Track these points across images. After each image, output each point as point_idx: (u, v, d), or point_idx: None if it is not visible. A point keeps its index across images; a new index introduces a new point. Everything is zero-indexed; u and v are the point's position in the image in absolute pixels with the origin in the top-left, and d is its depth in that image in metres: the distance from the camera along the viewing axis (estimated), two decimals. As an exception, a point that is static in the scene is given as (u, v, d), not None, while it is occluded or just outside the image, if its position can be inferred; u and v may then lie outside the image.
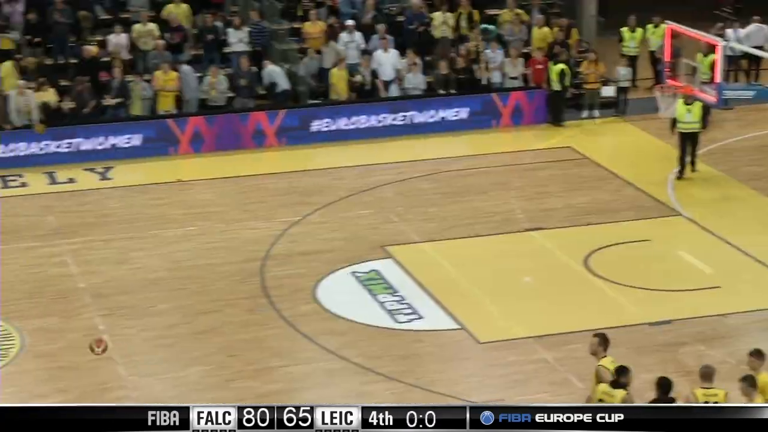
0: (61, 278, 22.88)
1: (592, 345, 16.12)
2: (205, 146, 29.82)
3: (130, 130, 29.42)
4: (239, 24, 32.04)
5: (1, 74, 29.89)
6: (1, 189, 27.59)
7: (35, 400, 18.64)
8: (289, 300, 22.01)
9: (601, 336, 16.13)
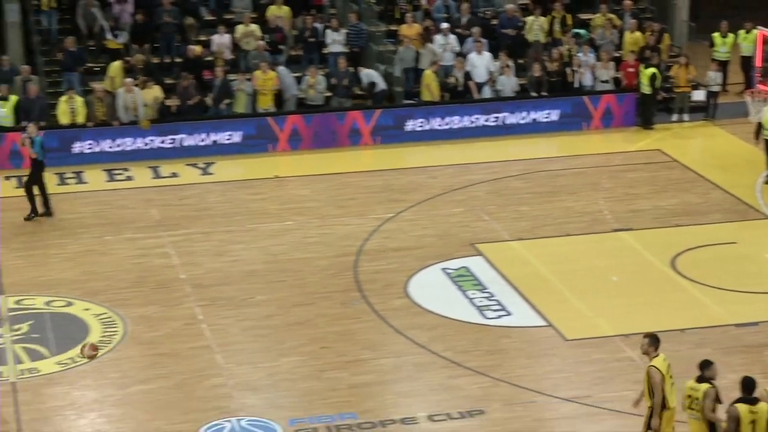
0: (162, 269, 23.10)
1: (643, 345, 15.98)
2: (303, 144, 29.96)
3: (231, 128, 29.65)
4: (337, 26, 32.17)
5: (110, 73, 30.31)
6: (108, 182, 27.95)
7: (137, 386, 18.89)
8: (381, 294, 22.03)
9: (651, 336, 15.96)
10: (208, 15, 33.44)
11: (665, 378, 15.67)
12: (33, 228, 25.09)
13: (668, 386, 15.72)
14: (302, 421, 17.93)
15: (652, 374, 15.67)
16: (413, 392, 18.76)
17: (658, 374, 15.61)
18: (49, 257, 23.64)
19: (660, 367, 15.67)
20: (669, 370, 15.79)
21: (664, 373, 15.66)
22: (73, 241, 24.44)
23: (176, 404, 18.39)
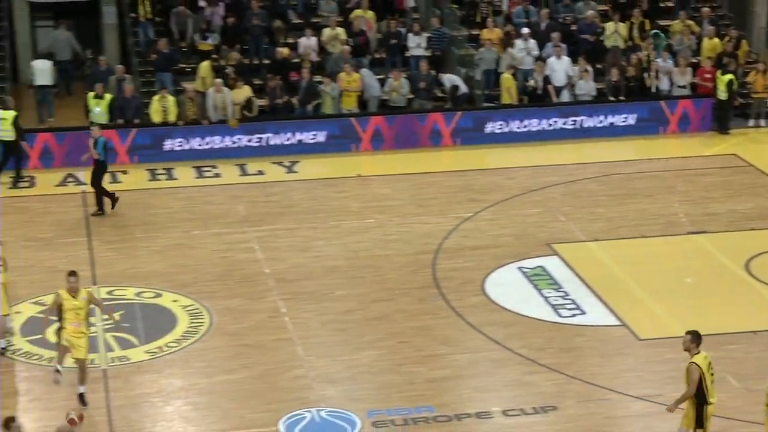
0: (248, 263, 23.25)
1: (685, 342, 15.96)
2: (385, 144, 30.01)
3: (316, 128, 29.78)
4: (419, 30, 32.20)
5: (201, 73, 30.59)
6: (197, 179, 28.21)
7: (222, 376, 19.04)
8: (458, 291, 22.00)
9: (693, 333, 15.94)
10: (295, 18, 33.67)
11: (705, 374, 15.68)
12: (124, 222, 25.40)
13: (709, 382, 15.74)
14: (380, 413, 17.96)
15: (691, 371, 15.68)
16: (488, 387, 18.72)
17: (697, 371, 15.64)
18: (139, 250, 23.90)
19: (700, 365, 15.68)
20: (710, 368, 15.80)
21: (704, 370, 15.66)
22: (163, 235, 24.69)
23: (259, 394, 18.51)
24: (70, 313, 17.63)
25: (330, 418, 17.85)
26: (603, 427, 17.62)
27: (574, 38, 32.92)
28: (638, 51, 32.20)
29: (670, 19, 34.02)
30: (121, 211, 25.96)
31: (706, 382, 15.73)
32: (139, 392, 18.59)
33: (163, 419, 17.87)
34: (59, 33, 33.11)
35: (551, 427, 17.53)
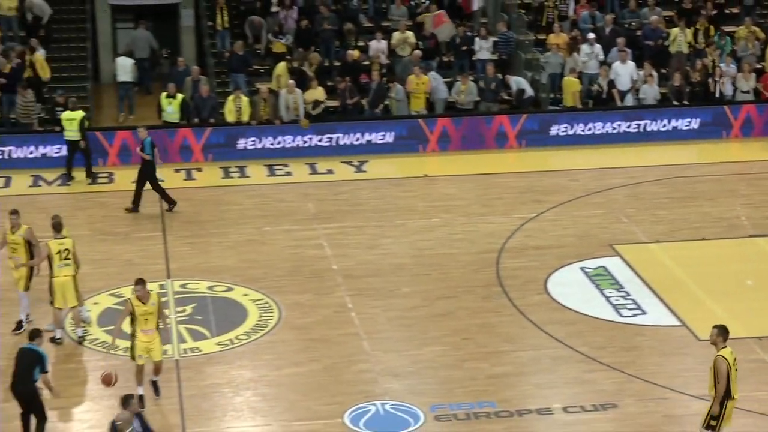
0: (316, 259, 23.31)
1: (712, 335, 15.88)
2: (452, 145, 29.95)
3: (385, 128, 29.79)
4: (486, 34, 32.12)
5: (277, 72, 30.72)
6: (269, 177, 28.33)
7: (290, 368, 19.10)
8: (521, 290, 21.91)
9: (720, 327, 15.87)
10: (366, 22, 33.71)
11: (731, 368, 15.58)
12: (198, 218, 25.57)
13: (733, 377, 15.64)
14: (442, 407, 17.94)
15: (719, 363, 15.60)
16: (549, 384, 18.62)
17: (724, 363, 15.55)
18: (212, 245, 24.05)
19: (728, 358, 15.59)
20: (735, 363, 15.72)
21: (730, 363, 15.57)
22: (235, 231, 24.83)
23: (325, 387, 18.56)
24: (141, 318, 17.65)
25: (394, 412, 17.86)
26: (661, 426, 17.46)
27: (638, 43, 32.64)
28: (703, 56, 31.87)
29: (735, 25, 33.64)
30: (196, 207, 26.17)
31: (731, 376, 15.62)
32: (209, 383, 18.71)
33: (233, 409, 17.97)
34: (139, 32, 33.48)
35: (610, 424, 17.41)
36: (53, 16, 33.15)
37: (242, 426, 17.57)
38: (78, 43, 33.55)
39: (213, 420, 17.70)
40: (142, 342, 17.66)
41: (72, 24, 34.04)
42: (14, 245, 19.97)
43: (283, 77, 30.42)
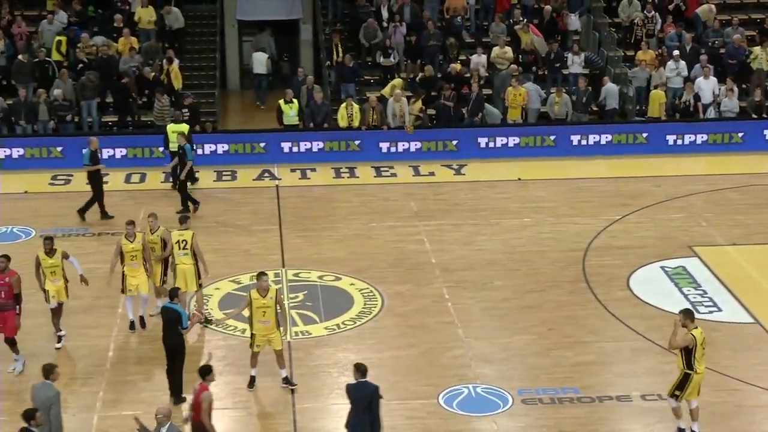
0: (417, 253, 23.31)
1: (679, 320, 16.26)
2: (542, 151, 29.70)
3: (483, 134, 29.68)
4: (578, 50, 31.83)
5: (394, 82, 30.81)
6: (375, 177, 28.40)
7: (390, 352, 19.14)
8: (605, 286, 21.68)
9: (685, 310, 16.47)
10: (468, 38, 33.61)
11: (698, 347, 16.09)
12: (311, 213, 25.73)
13: (699, 354, 16.16)
14: (529, 391, 17.85)
15: (683, 334, 16.11)
16: (629, 373, 18.42)
17: (691, 339, 16.03)
18: (323, 238, 24.21)
19: (696, 337, 16.08)
20: (704, 342, 16.28)
21: (698, 342, 16.08)
22: (344, 226, 24.95)
23: (422, 369, 18.57)
24: (259, 311, 17.68)
25: (484, 394, 17.82)
26: (733, 415, 17.18)
27: (721, 60, 32.08)
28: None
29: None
30: (309, 204, 26.37)
31: (696, 353, 16.10)
32: (318, 363, 18.84)
33: (338, 388, 18.03)
34: (263, 35, 34.25)
35: (686, 412, 17.13)
36: (186, 30, 33.68)
37: (346, 403, 17.56)
38: (208, 54, 34.02)
39: (320, 397, 17.83)
40: (260, 331, 17.71)
41: (203, 37, 34.55)
42: (153, 245, 19.94)
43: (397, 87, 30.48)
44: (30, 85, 30.01)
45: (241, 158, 29.13)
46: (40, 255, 19.03)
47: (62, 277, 19.09)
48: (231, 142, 29.21)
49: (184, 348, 17.55)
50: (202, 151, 28.56)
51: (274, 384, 18.15)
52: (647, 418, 17.16)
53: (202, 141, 28.76)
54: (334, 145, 29.31)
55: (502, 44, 32.07)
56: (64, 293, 19.15)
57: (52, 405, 15.13)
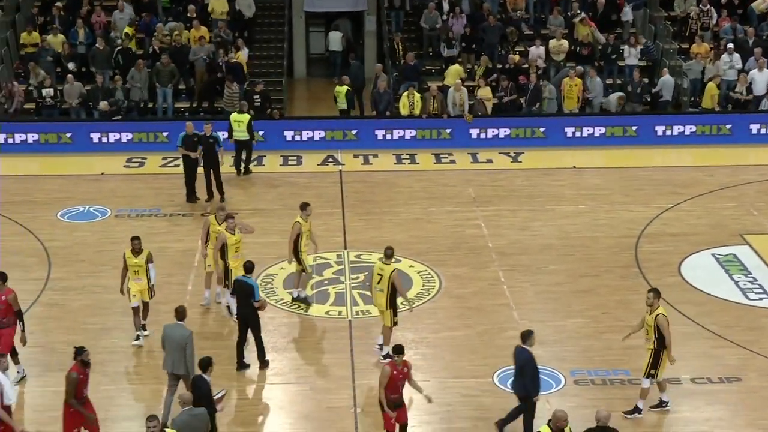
0: (474, 238, 23.20)
1: (648, 299, 16.25)
2: (598, 141, 29.39)
3: (539, 124, 29.45)
4: (635, 42, 31.44)
5: (451, 72, 30.66)
6: (435, 164, 28.28)
7: (447, 332, 19.08)
8: (657, 272, 21.43)
9: (654, 290, 16.38)
10: (527, 30, 33.34)
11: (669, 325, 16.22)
12: (373, 197, 25.69)
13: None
14: (581, 372, 17.72)
15: (661, 321, 16.00)
16: (679, 357, 17.99)
17: (665, 319, 16.04)
18: (384, 222, 24.18)
19: (666, 315, 16.12)
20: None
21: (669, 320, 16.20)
22: (405, 210, 24.90)
23: (477, 350, 18.50)
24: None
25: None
26: (781, 400, 16.91)
27: (775, 53, 31.53)
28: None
29: None
30: (371, 188, 26.34)
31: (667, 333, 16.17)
32: (376, 342, 18.77)
33: (396, 365, 18.05)
34: (342, 20, 35.12)
35: (734, 395, 16.94)
36: (256, 20, 33.75)
37: (404, 380, 17.65)
38: (276, 43, 34.10)
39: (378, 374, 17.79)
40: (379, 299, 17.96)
41: (272, 27, 34.62)
42: (238, 245, 19.33)
43: (450, 78, 30.35)
44: (107, 72, 30.30)
45: (306, 144, 29.17)
46: (127, 253, 18.49)
47: (146, 277, 18.51)
48: (296, 129, 29.26)
49: (257, 318, 17.74)
50: (268, 137, 28.61)
51: (335, 360, 18.18)
52: (696, 401, 16.95)
53: (270, 127, 28.83)
54: (396, 133, 29.23)
55: (560, 36, 31.77)
56: (147, 293, 18.60)
57: (187, 344, 15.86)
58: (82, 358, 15.03)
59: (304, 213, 19.92)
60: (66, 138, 28.70)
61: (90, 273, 21.37)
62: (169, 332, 16.17)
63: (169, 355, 16.16)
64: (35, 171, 27.42)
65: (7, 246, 22.58)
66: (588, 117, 29.79)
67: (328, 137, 29.10)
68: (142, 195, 25.60)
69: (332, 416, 16.63)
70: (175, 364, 16.02)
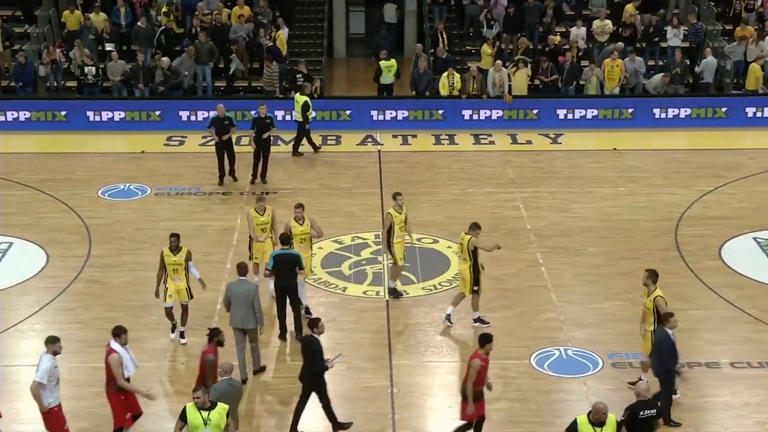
0: (513, 219, 23.10)
1: (644, 279, 16.45)
2: (637, 123, 29.13)
3: (581, 105, 29.23)
4: (678, 23, 31.09)
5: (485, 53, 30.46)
6: (474, 144, 28.19)
7: (485, 313, 18.98)
8: (697, 255, 21.25)
9: (651, 271, 16.44)
10: (568, 10, 33.07)
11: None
12: (412, 178, 25.64)
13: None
14: (619, 356, 17.62)
15: (659, 303, 16.05)
16: (719, 341, 18.05)
17: (663, 301, 16.08)
18: (422, 202, 24.10)
19: (664, 296, 16.21)
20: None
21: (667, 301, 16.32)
22: (443, 191, 24.83)
23: (515, 331, 18.44)
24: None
25: (575, 357, 17.64)
26: (822, 386, 16.73)
27: (820, 35, 31.09)
28: None
29: None
30: (410, 169, 26.29)
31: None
32: (414, 322, 18.84)
33: (433, 346, 18.06)
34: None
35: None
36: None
37: (440, 361, 17.64)
38: (316, 23, 34.05)
39: (416, 354, 17.82)
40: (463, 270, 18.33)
41: (312, 6, 34.57)
42: (265, 226, 19.17)
43: (486, 58, 30.17)
44: (148, 50, 30.39)
45: (344, 124, 29.15)
46: (165, 251, 17.74)
47: (185, 276, 17.76)
48: (335, 108, 29.23)
49: (296, 290, 17.91)
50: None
51: (372, 340, 18.20)
52: (736, 385, 16.80)
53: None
54: (436, 113, 29.14)
55: (603, 17, 31.48)
56: (185, 294, 17.80)
57: (254, 297, 16.54)
58: (218, 339, 15.16)
59: (396, 203, 19.54)
60: (107, 116, 28.85)
61: (130, 250, 21.51)
62: (234, 289, 16.71)
63: (237, 311, 16.66)
64: (76, 149, 27.58)
65: (49, 223, 22.78)
66: (628, 98, 29.53)
67: (367, 117, 29.06)
68: (182, 173, 25.72)
69: (369, 396, 16.65)
70: (245, 318, 16.62)
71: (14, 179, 25.26)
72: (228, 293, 16.80)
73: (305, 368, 15.45)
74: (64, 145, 27.65)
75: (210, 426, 13.48)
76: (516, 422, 15.86)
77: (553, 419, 15.79)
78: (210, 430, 13.50)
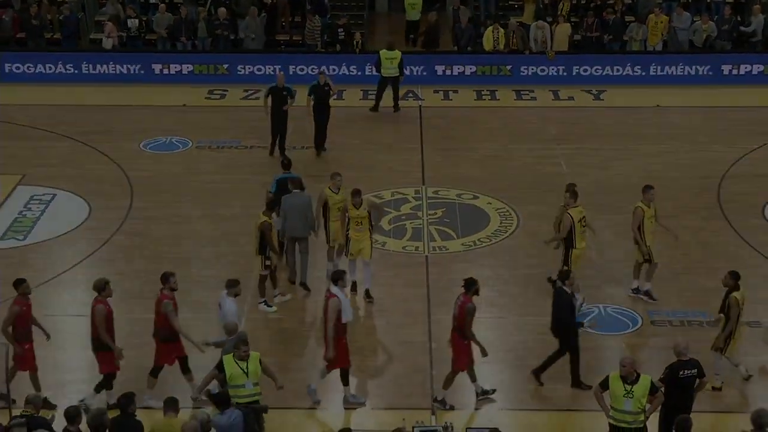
0: (554, 176, 22.84)
1: (565, 197, 17.41)
2: (685, 80, 28.75)
3: (622, 62, 28.87)
4: (726, -22, 30.63)
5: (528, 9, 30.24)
6: (516, 100, 27.98)
7: (524, 270, 18.92)
8: (740, 213, 21.02)
9: (571, 188, 17.44)
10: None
11: (576, 225, 17.22)
12: (452, 133, 25.56)
13: (578, 232, 17.32)
14: (659, 313, 17.53)
15: (564, 219, 17.18)
16: (760, 300, 17.81)
17: (569, 219, 17.10)
18: (462, 158, 24.02)
19: (573, 216, 17.14)
20: (583, 221, 17.41)
21: (575, 220, 17.19)
22: (484, 147, 24.71)
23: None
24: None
25: (615, 314, 17.58)
26: None
27: None
28: None
29: None
30: (450, 124, 26.20)
31: (575, 231, 17.23)
32: (452, 277, 18.65)
33: (472, 302, 18.03)
34: None
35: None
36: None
37: (480, 317, 17.52)
38: (359, -24, 33.83)
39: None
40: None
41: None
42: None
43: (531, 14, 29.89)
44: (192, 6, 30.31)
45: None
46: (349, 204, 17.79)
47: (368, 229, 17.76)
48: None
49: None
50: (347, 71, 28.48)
51: (411, 295, 18.22)
52: (777, 345, 16.68)
53: (350, 62, 28.70)
54: (478, 69, 28.92)
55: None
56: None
57: (308, 209, 17.94)
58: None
59: (333, 183, 18.32)
60: (149, 69, 28.90)
61: (171, 203, 21.64)
62: (291, 201, 17.95)
63: (293, 221, 17.89)
64: (119, 101, 27.69)
65: (91, 175, 22.95)
66: (672, 55, 29.14)
67: (410, 72, 28.86)
68: (223, 127, 25.76)
69: (407, 351, 16.69)
70: (300, 228, 17.94)
71: (57, 131, 25.42)
72: (283, 206, 17.89)
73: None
74: (106, 98, 27.75)
75: (250, 375, 13.59)
76: (555, 379, 15.83)
77: (593, 377, 15.74)
78: (251, 380, 13.60)
